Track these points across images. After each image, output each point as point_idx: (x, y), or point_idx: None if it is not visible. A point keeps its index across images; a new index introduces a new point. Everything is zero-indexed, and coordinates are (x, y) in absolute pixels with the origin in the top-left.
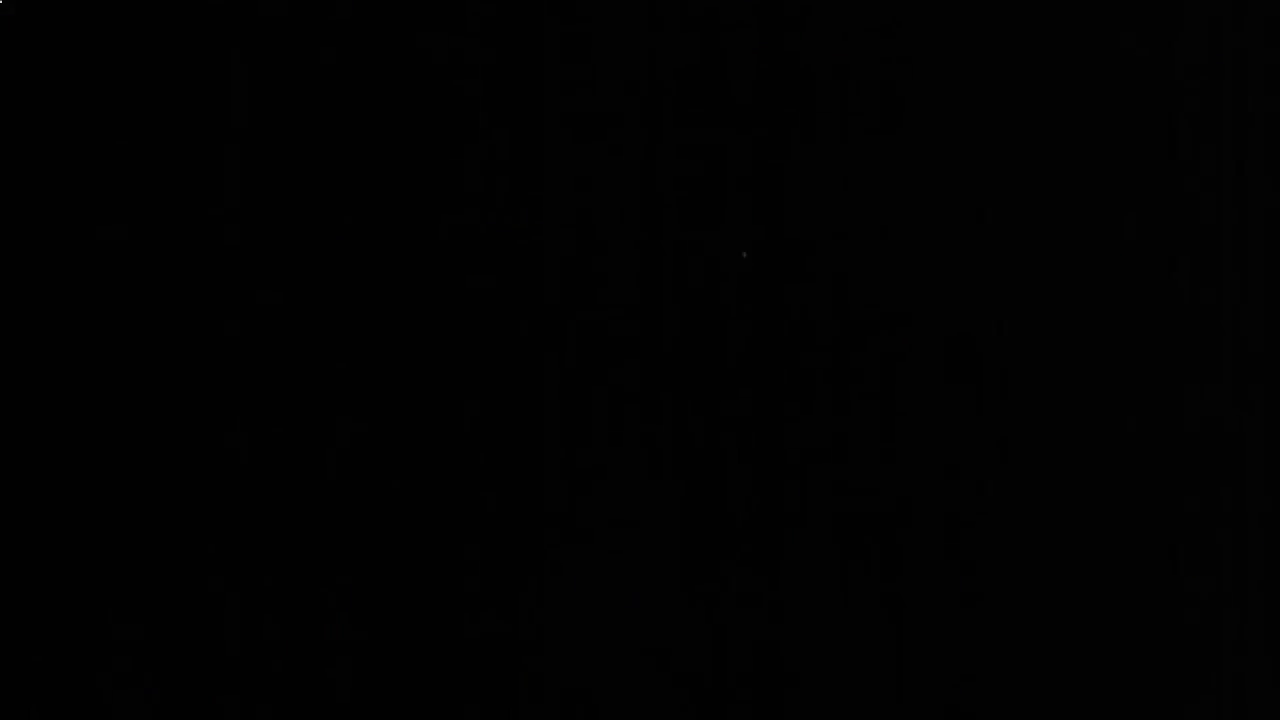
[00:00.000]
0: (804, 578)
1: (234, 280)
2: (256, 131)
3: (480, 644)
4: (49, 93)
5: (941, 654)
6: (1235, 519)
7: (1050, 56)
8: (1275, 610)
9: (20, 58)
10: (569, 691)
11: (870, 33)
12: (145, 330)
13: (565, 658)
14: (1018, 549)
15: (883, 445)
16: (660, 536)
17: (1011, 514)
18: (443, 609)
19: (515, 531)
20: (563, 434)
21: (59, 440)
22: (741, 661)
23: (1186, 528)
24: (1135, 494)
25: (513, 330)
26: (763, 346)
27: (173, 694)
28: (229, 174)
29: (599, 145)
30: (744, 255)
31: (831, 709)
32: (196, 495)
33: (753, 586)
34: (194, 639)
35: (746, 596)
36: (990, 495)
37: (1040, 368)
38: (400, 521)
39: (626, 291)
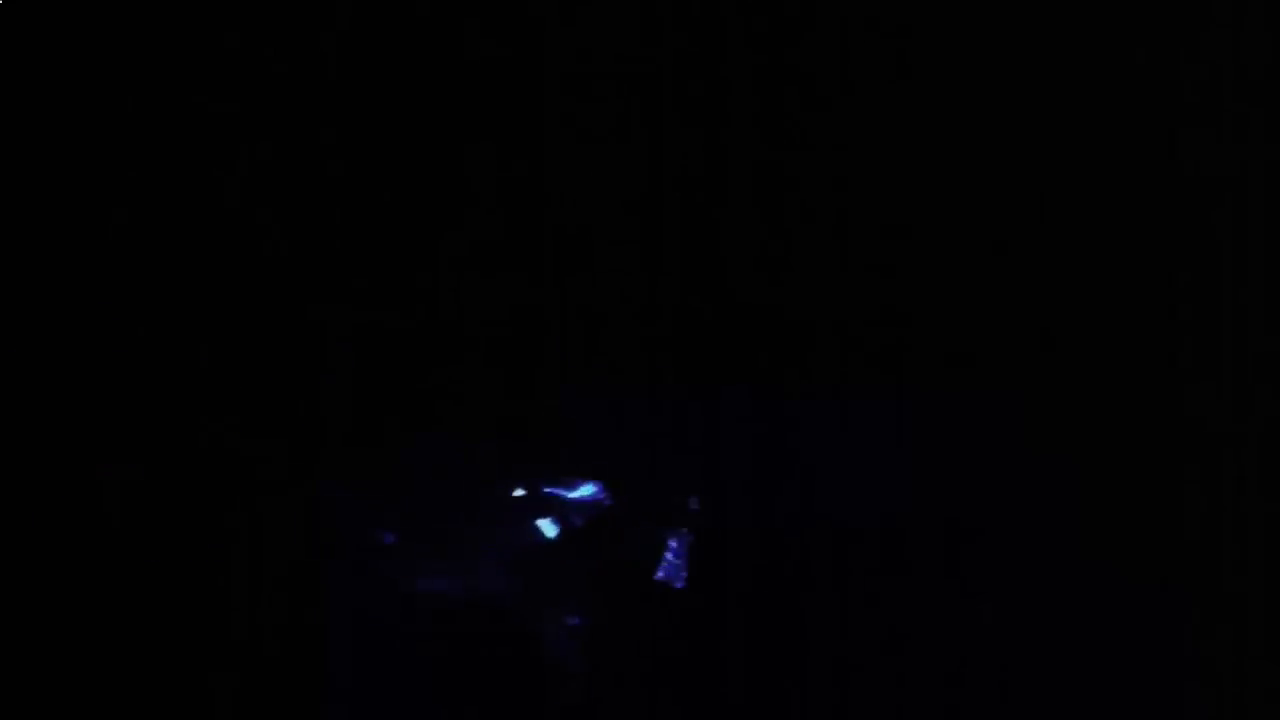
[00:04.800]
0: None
1: (232, 278)
2: (256, 130)
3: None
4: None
5: (941, 654)
6: (1235, 519)
7: (1051, 57)
8: (1275, 610)
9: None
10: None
11: (871, 33)
12: (145, 329)
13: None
14: (1018, 549)
15: (883, 446)
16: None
17: (1011, 514)
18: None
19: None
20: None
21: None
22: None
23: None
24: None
25: (512, 329)
26: (763, 346)
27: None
28: (228, 173)
29: (599, 145)
30: None
31: (831, 709)
32: (196, 492)
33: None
34: (194, 638)
35: (746, 596)
36: (990, 495)
37: (1041, 368)
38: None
39: (627, 290)
